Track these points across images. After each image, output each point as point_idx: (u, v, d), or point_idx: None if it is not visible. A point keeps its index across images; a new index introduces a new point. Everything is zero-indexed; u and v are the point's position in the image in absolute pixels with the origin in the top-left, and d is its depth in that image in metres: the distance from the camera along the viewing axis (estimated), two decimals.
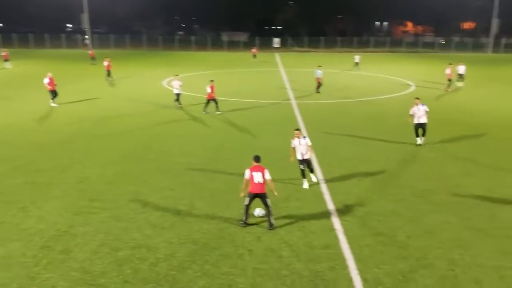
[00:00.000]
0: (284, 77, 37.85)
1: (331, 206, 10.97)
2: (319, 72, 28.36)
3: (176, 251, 8.77)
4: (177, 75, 24.37)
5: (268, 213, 9.76)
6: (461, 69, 31.78)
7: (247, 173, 9.68)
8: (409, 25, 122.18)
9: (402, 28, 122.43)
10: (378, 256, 8.62)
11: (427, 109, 16.15)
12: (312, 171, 12.59)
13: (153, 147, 16.16)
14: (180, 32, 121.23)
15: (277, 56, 63.42)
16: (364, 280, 7.82)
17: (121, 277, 7.90)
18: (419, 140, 16.38)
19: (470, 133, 18.42)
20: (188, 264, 8.32)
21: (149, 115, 21.96)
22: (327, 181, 12.71)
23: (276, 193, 9.86)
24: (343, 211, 10.66)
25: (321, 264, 8.32)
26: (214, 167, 13.85)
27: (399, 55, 68.78)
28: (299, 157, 12.02)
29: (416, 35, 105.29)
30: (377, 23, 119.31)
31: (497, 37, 75.25)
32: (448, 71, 29.89)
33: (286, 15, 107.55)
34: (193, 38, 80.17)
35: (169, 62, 52.48)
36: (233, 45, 79.24)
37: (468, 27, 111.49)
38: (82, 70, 42.79)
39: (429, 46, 79.60)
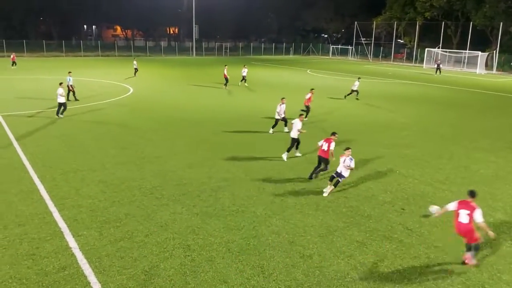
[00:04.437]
0: None
1: (62, 224, 10.11)
2: (69, 79, 27.36)
3: None
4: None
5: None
6: (245, 71, 36.86)
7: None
8: (118, 29, 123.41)
9: (112, 32, 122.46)
10: (119, 263, 8.53)
11: None
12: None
13: None
14: None
15: None
16: None
17: None
18: None
19: (188, 127, 20.32)
20: None
21: None
22: (54, 198, 11.64)
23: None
24: (76, 226, 10.00)
25: None
26: None
27: (113, 59, 68.83)
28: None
29: (127, 39, 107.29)
30: (85, 26, 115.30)
31: (198, 41, 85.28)
32: (225, 71, 34.95)
33: None
34: None
35: None
36: None
37: (173, 32, 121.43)
38: None
39: (141, 50, 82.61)
